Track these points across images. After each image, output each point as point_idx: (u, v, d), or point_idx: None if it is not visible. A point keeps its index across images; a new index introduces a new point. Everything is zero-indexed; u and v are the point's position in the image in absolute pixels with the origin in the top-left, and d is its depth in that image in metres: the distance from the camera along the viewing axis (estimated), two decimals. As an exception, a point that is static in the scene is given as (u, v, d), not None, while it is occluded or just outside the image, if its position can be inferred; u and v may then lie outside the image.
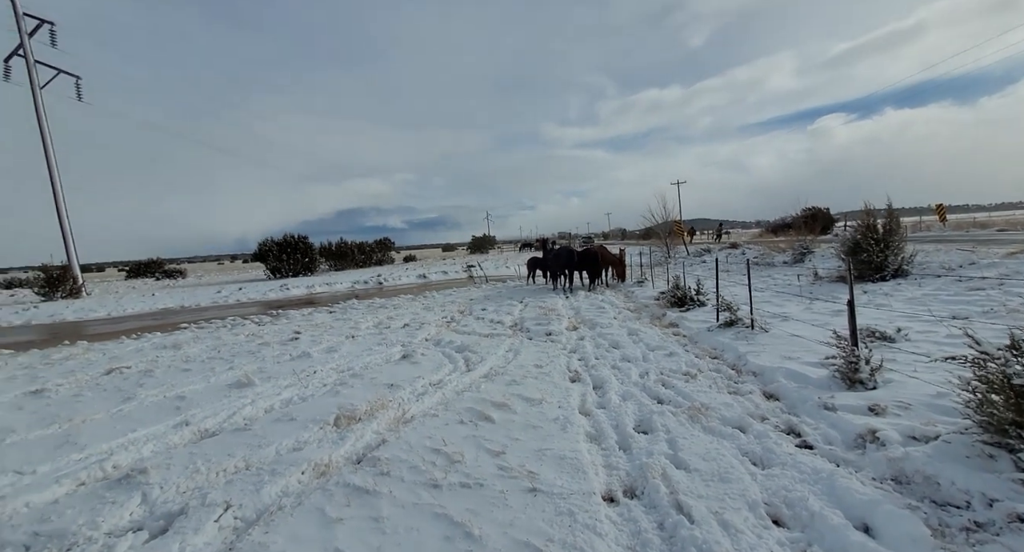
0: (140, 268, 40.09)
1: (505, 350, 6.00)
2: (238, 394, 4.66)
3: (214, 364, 6.18)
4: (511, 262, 27.75)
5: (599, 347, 5.78)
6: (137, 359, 6.89)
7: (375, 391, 4.34)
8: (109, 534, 2.29)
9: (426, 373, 4.90)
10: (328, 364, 5.75)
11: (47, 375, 6.17)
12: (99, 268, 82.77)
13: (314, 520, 2.17)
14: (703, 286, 7.84)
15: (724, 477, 2.20)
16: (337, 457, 2.95)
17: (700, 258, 17.99)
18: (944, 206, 21.09)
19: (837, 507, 1.85)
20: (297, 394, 4.63)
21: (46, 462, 3.18)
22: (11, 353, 8.33)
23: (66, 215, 20.97)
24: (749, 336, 5.08)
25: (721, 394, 3.52)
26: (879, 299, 6.67)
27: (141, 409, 4.43)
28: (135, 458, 3.24)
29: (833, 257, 11.40)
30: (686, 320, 6.76)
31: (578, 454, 2.63)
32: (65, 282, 19.51)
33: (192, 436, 3.66)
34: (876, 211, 8.60)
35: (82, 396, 5.03)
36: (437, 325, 8.46)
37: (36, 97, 20.87)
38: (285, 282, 21.84)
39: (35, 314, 14.54)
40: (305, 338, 7.71)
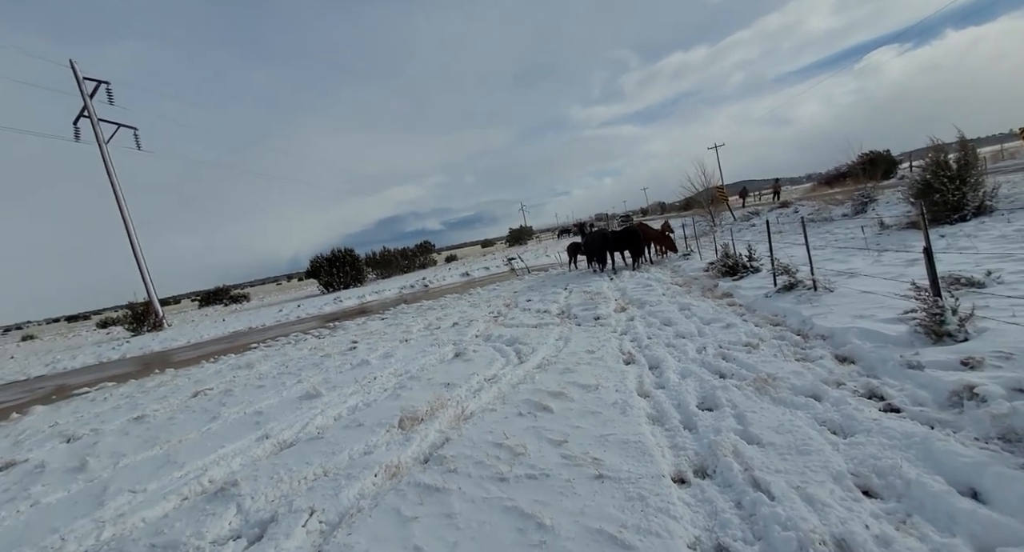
0: (210, 296, 43.33)
1: (555, 339, 5.98)
2: (308, 405, 4.93)
3: (284, 379, 6.58)
4: (550, 250, 27.57)
5: (650, 326, 5.63)
6: (217, 380, 7.46)
7: (433, 391, 4.46)
8: (213, 543, 2.50)
9: (480, 369, 4.98)
10: (386, 369, 5.97)
11: (145, 402, 6.81)
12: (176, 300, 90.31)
13: (391, 520, 2.26)
14: (755, 251, 7.43)
15: (802, 449, 2.08)
16: (406, 458, 3.06)
17: (749, 222, 17.06)
18: (1029, 129, 18.69)
19: (937, 473, 1.69)
20: (361, 401, 4.84)
21: (153, 480, 3.51)
22: (114, 385, 9.28)
23: (142, 255, 22.97)
24: (812, 298, 4.77)
25: (788, 362, 3.32)
26: (961, 242, 6.04)
27: (226, 426, 4.80)
28: (226, 472, 3.52)
29: (899, 203, 10.45)
30: (740, 288, 6.44)
31: (641, 437, 2.58)
32: (149, 316, 21.47)
33: (273, 448, 3.92)
34: (945, 146, 7.78)
35: (175, 419, 5.52)
36: (485, 321, 8.56)
37: (103, 152, 22.90)
38: (338, 295, 22.88)
39: (128, 348, 16.09)
40: (362, 346, 8.03)
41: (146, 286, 22.96)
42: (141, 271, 22.95)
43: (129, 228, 22.94)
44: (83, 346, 20.59)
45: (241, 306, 35.11)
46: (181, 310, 45.77)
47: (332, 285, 28.41)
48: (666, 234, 12.94)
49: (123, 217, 22.89)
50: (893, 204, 10.59)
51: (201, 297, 45.62)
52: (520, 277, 16.76)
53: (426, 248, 42.42)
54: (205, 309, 39.36)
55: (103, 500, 3.28)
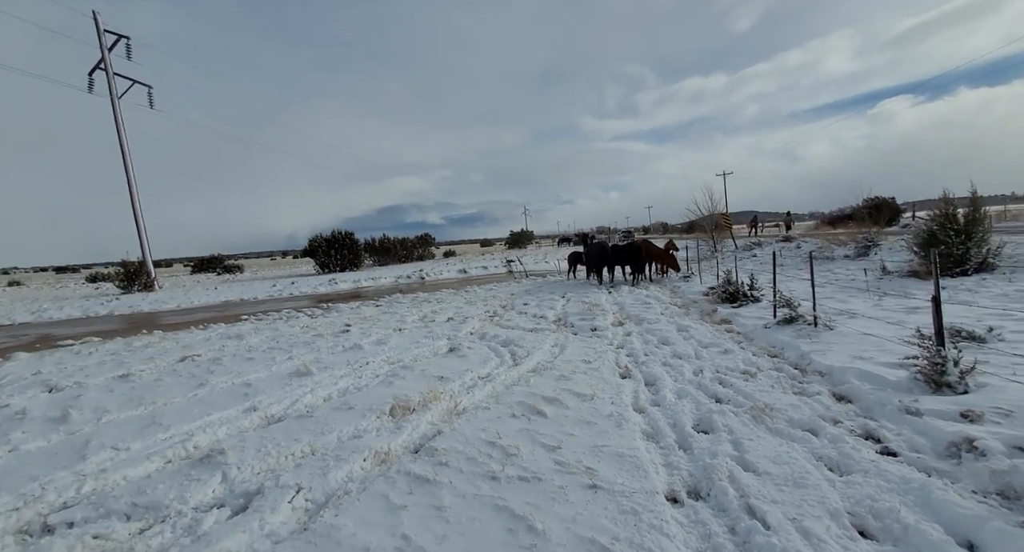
0: (203, 263, 43.00)
1: (551, 345, 5.98)
2: (298, 383, 4.90)
3: (274, 354, 6.53)
4: (550, 257, 27.62)
5: (647, 343, 5.64)
6: (206, 348, 7.39)
7: (426, 383, 4.44)
8: (196, 509, 2.47)
9: (474, 366, 4.96)
10: (379, 356, 5.94)
11: (131, 361, 6.74)
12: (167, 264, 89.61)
13: (380, 506, 2.25)
14: (757, 281, 7.47)
15: (799, 482, 2.08)
16: (396, 446, 3.04)
17: (750, 252, 17.17)
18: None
19: (935, 521, 1.69)
20: (353, 384, 4.81)
21: (137, 440, 3.47)
22: (99, 340, 9.18)
23: (141, 215, 22.78)
24: (812, 334, 4.80)
25: (786, 394, 3.34)
26: (961, 295, 6.12)
27: (213, 394, 4.75)
28: (212, 440, 3.48)
29: (902, 250, 10.56)
30: (739, 316, 6.48)
31: (636, 452, 2.58)
32: (140, 277, 21.28)
33: (260, 421, 3.89)
34: (955, 199, 7.88)
35: (162, 381, 5.46)
36: (480, 319, 8.55)
37: (115, 107, 22.72)
38: (333, 277, 22.78)
39: (117, 305, 15.94)
40: (355, 331, 7.99)
41: (141, 246, 22.77)
42: (139, 230, 22.76)
43: (132, 185, 22.75)
44: (71, 298, 20.37)
45: (234, 276, 34.87)
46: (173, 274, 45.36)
47: (328, 266, 28.29)
48: (669, 253, 12.99)
49: (127, 174, 22.71)
50: (896, 251, 10.69)
51: (194, 263, 45.28)
52: (518, 280, 16.77)
53: (426, 241, 42.38)
54: (197, 275, 39.06)
55: (84, 454, 3.24)
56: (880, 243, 11.35)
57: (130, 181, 22.70)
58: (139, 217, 22.78)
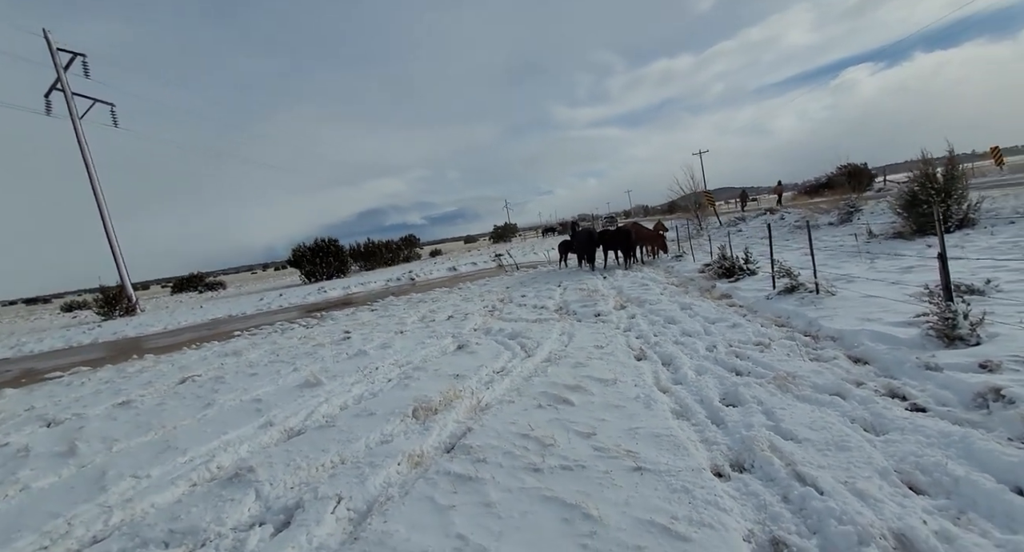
0: (183, 283, 41.96)
1: (558, 334, 5.99)
2: (310, 393, 4.82)
3: (278, 367, 6.41)
4: (537, 248, 27.64)
5: (654, 324, 5.69)
6: (204, 367, 7.23)
7: (442, 382, 4.41)
8: (235, 529, 2.41)
9: (487, 362, 4.95)
10: (387, 360, 5.88)
11: (128, 387, 6.55)
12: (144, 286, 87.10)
13: (427, 508, 2.22)
14: (751, 254, 7.59)
15: (841, 445, 2.12)
16: (427, 447, 3.01)
17: (735, 227, 17.42)
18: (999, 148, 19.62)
19: (984, 471, 1.75)
20: (367, 390, 4.76)
21: (156, 466, 3.38)
22: (89, 369, 8.90)
23: (115, 238, 22.06)
24: (815, 301, 4.89)
25: (803, 361, 3.40)
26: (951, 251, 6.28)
27: (223, 413, 4.65)
28: (235, 458, 3.40)
29: (883, 214, 10.83)
30: (739, 290, 6.57)
31: (671, 430, 2.60)
32: (121, 301, 20.66)
33: (280, 435, 3.82)
34: (933, 160, 8.09)
35: (165, 404, 5.32)
36: (481, 314, 8.52)
37: (77, 127, 21.85)
38: (321, 285, 22.45)
39: (100, 332, 15.46)
40: (356, 337, 7.90)
41: (119, 269, 22.07)
42: (114, 253, 22.04)
43: (102, 208, 22.00)
44: (49, 329, 19.70)
45: (217, 293, 34.11)
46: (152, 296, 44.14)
47: (314, 275, 27.87)
48: (659, 234, 13.11)
49: (96, 196, 21.93)
50: (877, 214, 10.96)
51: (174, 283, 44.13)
52: (509, 273, 16.76)
53: (411, 242, 41.99)
54: (178, 295, 38.08)
55: (104, 485, 3.14)
56: (862, 208, 11.61)
57: (100, 203, 21.94)
58: (113, 240, 22.05)
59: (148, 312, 21.70)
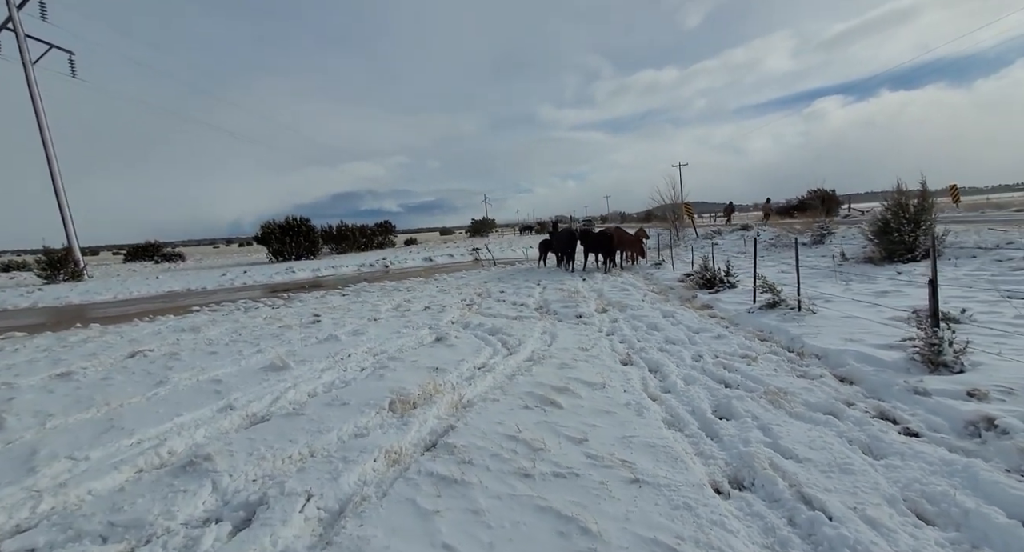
0: (138, 251, 39.59)
1: (540, 333, 5.87)
2: (276, 377, 4.52)
3: (240, 347, 6.03)
4: (515, 245, 27.54)
5: (637, 329, 5.65)
6: (158, 342, 6.74)
7: (421, 375, 4.21)
8: (187, 524, 2.16)
9: (468, 356, 4.77)
10: (359, 347, 5.62)
11: (69, 358, 6.02)
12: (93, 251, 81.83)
13: (408, 512, 2.04)
14: (732, 267, 7.69)
15: (844, 468, 2.08)
16: (406, 444, 2.82)
17: (711, 240, 17.80)
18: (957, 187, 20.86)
19: (992, 504, 1.72)
20: (338, 378, 4.50)
21: (96, 447, 3.04)
22: (25, 335, 8.16)
23: (65, 197, 20.51)
24: (797, 318, 4.96)
25: (792, 378, 3.40)
26: (919, 279, 6.56)
27: (178, 393, 4.30)
28: (189, 444, 3.11)
29: (853, 239, 11.26)
30: (720, 302, 6.63)
31: (667, 442, 2.51)
32: (67, 265, 19.23)
33: (242, 421, 3.53)
34: (908, 191, 8.42)
35: (111, 379, 4.89)
36: (459, 308, 8.32)
37: (28, 73, 20.15)
38: (290, 265, 21.62)
39: (40, 297, 14.32)
40: (327, 321, 7.55)
41: (67, 230, 20.55)
42: (62, 212, 20.48)
43: (52, 163, 20.39)
44: (-19, 288, 18.14)
45: (175, 265, 32.35)
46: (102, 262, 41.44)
47: (282, 255, 26.78)
48: (640, 241, 13.21)
49: (46, 149, 20.31)
50: (848, 239, 11.38)
51: (127, 251, 41.58)
52: (487, 268, 16.56)
53: (386, 228, 41.07)
54: (131, 264, 35.90)
55: (33, 466, 2.79)
56: (834, 231, 12.04)
57: (50, 158, 20.34)
58: (62, 198, 20.50)
59: (96, 279, 20.30)
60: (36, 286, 17.24)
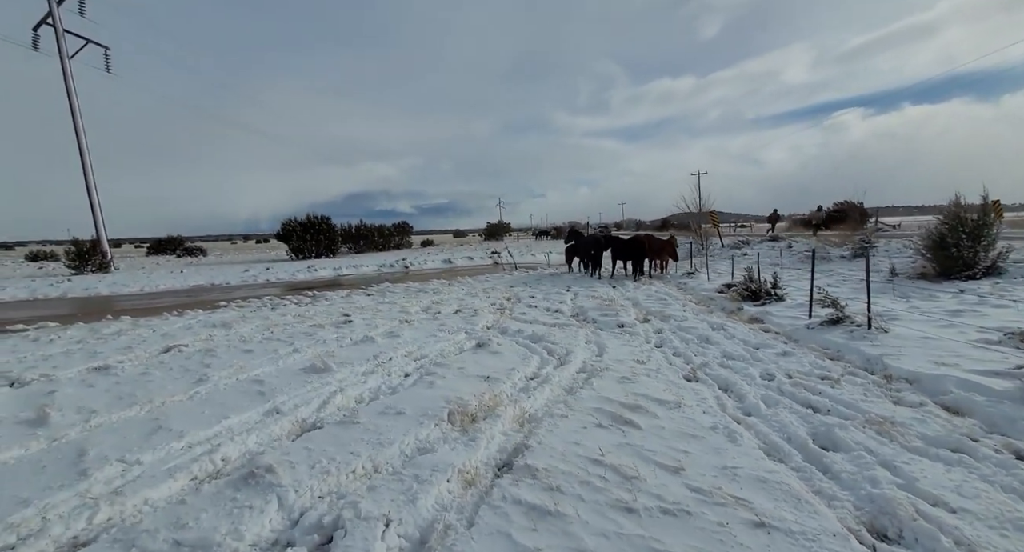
0: (161, 245, 40.24)
1: (584, 342, 5.62)
2: (318, 380, 4.35)
3: (275, 345, 5.90)
4: (534, 249, 27.28)
5: (687, 342, 5.38)
6: (191, 337, 6.65)
7: (473, 383, 4.00)
8: (255, 546, 1.98)
9: (517, 365, 4.55)
10: (398, 350, 5.44)
11: (104, 351, 5.95)
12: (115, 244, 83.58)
13: (504, 547, 1.82)
14: (780, 279, 7.36)
15: (1018, 524, 1.80)
16: (477, 462, 2.61)
17: (740, 250, 17.36)
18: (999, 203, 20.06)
19: None
20: (384, 383, 4.31)
21: (146, 450, 2.89)
22: (58, 326, 8.17)
23: (95, 188, 20.85)
24: (866, 336, 4.64)
25: (887, 404, 3.11)
26: (988, 298, 6.17)
27: (219, 392, 4.15)
28: (243, 450, 2.94)
29: (899, 253, 10.81)
30: (770, 315, 6.32)
31: (778, 476, 2.25)
32: (94, 256, 19.53)
33: (292, 427, 3.35)
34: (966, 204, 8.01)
35: (150, 375, 4.78)
36: (491, 312, 8.11)
37: (65, 67, 20.58)
38: (311, 263, 21.67)
39: (70, 287, 14.49)
40: (358, 321, 7.40)
41: (96, 222, 20.87)
42: (92, 204, 20.82)
43: (84, 155, 20.76)
44: (12, 277, 18.48)
45: (197, 260, 32.77)
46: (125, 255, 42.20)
47: (302, 252, 26.93)
48: (671, 249, 12.88)
49: (79, 142, 20.67)
50: (893, 253, 10.92)
51: (150, 244, 42.31)
52: (508, 272, 16.34)
53: (403, 229, 41.19)
54: (154, 257, 36.48)
55: (84, 468, 2.65)
56: (876, 244, 11.58)
57: (82, 150, 20.71)
58: (92, 190, 20.84)
59: (122, 271, 20.59)
60: (65, 276, 17.51)
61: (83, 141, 20.80)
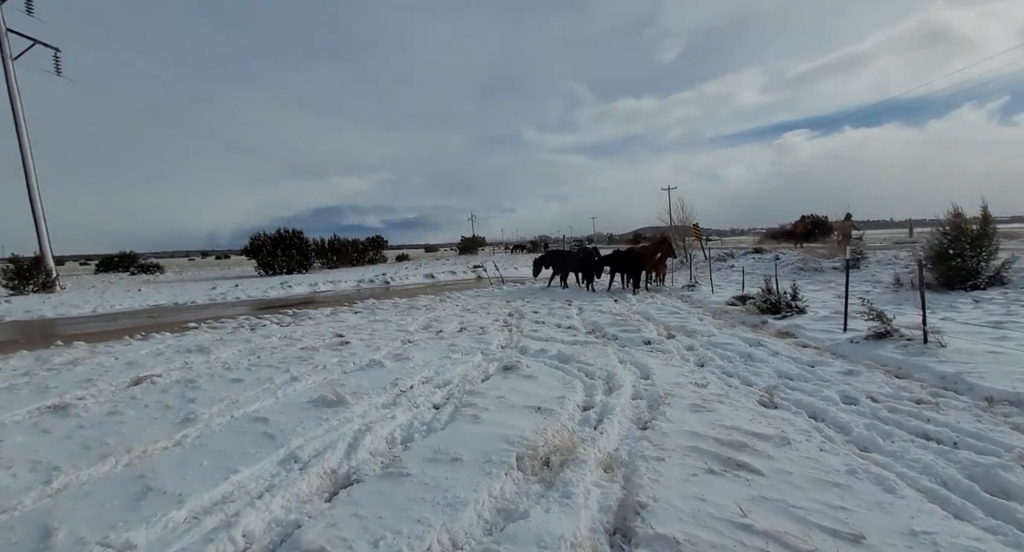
0: (110, 262, 37.43)
1: (617, 361, 5.16)
2: (335, 416, 3.69)
3: (267, 373, 5.16)
4: (517, 263, 26.84)
5: (730, 360, 4.99)
6: (163, 365, 5.78)
7: (522, 416, 3.45)
8: None
9: (562, 392, 4.02)
10: (414, 376, 4.82)
11: (58, 384, 5.02)
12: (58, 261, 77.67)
13: None
14: (799, 290, 7.18)
15: None
16: (583, 530, 2.06)
17: (725, 263, 17.50)
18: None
19: None
20: (415, 418, 3.68)
21: (137, 525, 2.19)
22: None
23: (40, 201, 19.04)
24: (926, 351, 4.40)
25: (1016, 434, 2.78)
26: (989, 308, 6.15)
27: (214, 435, 3.43)
28: (268, 519, 2.27)
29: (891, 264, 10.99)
30: (801, 329, 6.06)
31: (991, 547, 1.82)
32: (37, 275, 17.67)
33: (322, 482, 2.70)
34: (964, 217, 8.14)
35: (121, 414, 3.98)
36: (498, 329, 7.55)
37: (7, 69, 18.91)
38: (285, 279, 20.44)
39: (8, 309, 12.92)
40: (356, 343, 6.69)
41: (39, 236, 19.01)
42: (36, 216, 18.98)
43: (28, 162, 19.01)
44: (-62, 297, 16.45)
45: (154, 277, 30.57)
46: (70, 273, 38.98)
47: (272, 268, 25.52)
48: (665, 261, 12.73)
49: (22, 150, 18.92)
50: (884, 264, 11.10)
51: (99, 261, 39.32)
52: (497, 287, 15.75)
53: (378, 243, 40.01)
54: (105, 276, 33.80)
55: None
56: (867, 256, 11.77)
57: (26, 158, 18.96)
58: (37, 202, 19.03)
59: (70, 290, 18.77)
60: (1, 298, 15.68)
61: (27, 149, 19.03)
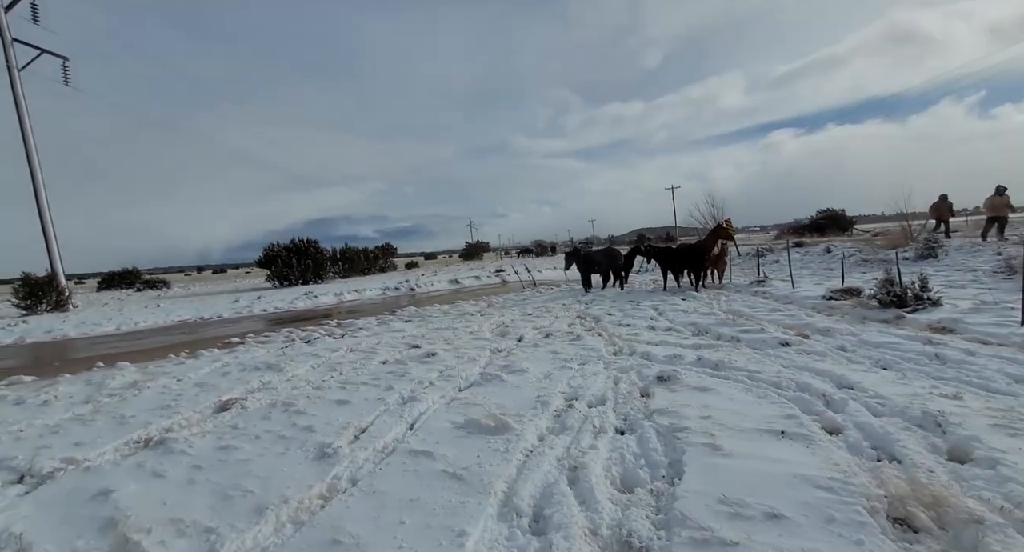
0: (114, 279, 36.38)
1: (781, 367, 4.46)
2: (507, 445, 3.02)
3: (369, 392, 4.47)
4: (540, 266, 26.12)
5: (915, 362, 4.27)
6: (240, 387, 5.04)
7: (775, 445, 2.74)
8: None
9: (782, 410, 3.31)
10: (551, 391, 4.10)
11: (133, 413, 4.27)
12: (58, 279, 76.25)
13: None
14: (928, 281, 6.52)
15: None
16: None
17: (767, 258, 16.84)
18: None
19: None
20: (615, 448, 2.93)
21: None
22: (37, 379, 6.23)
23: (50, 216, 18.24)
24: None
25: None
26: None
27: (378, 476, 2.71)
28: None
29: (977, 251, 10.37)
30: (961, 323, 5.36)
31: None
32: (50, 294, 16.82)
33: (592, 548, 1.98)
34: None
35: (236, 450, 3.25)
36: (587, 334, 6.83)
37: (14, 79, 18.19)
38: (309, 290, 19.63)
39: (27, 330, 12.08)
40: (443, 354, 5.94)
41: (50, 253, 18.19)
42: (46, 233, 18.17)
43: (36, 177, 18.22)
44: (-54, 320, 15.56)
45: (162, 293, 29.63)
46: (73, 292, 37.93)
47: (288, 278, 24.69)
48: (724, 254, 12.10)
49: (30, 164, 18.13)
50: (965, 251, 10.50)
51: (102, 279, 38.26)
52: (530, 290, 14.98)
53: (388, 251, 39.32)
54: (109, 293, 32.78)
55: None
56: (944, 245, 11.15)
57: (34, 172, 18.17)
58: (46, 217, 18.22)
59: (82, 309, 17.90)
60: (16, 318, 14.82)
61: (35, 162, 18.25)
